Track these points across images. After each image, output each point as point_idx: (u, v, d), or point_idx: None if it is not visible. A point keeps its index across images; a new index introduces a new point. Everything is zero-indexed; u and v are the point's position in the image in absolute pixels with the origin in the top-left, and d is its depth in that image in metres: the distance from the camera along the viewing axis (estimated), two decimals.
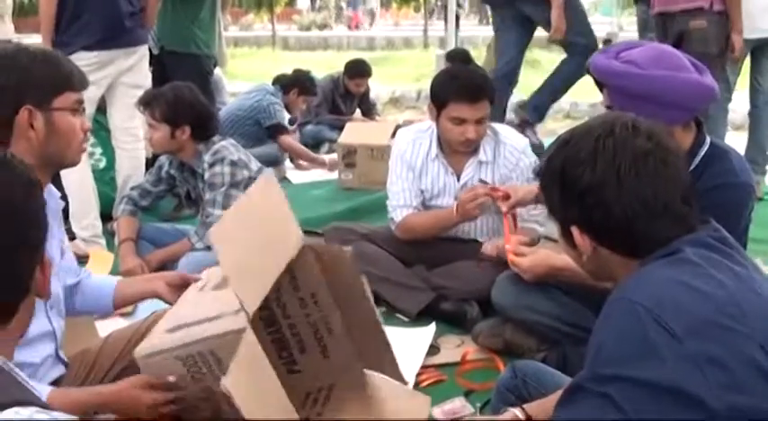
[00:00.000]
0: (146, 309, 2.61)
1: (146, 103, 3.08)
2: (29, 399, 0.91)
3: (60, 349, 1.81)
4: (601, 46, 4.63)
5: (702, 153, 1.98)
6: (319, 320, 1.82)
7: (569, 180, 1.27)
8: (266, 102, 5.21)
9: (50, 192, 1.77)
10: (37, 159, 1.65)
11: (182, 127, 3.01)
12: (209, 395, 1.70)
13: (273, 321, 1.79)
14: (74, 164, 1.79)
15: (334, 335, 1.86)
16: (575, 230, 1.29)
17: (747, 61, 4.44)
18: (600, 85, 2.09)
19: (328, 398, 1.84)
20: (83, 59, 3.40)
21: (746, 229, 2.03)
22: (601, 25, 20.43)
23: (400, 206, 2.92)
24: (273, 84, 5.99)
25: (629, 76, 1.96)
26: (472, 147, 2.83)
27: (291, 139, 5.36)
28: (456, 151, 2.85)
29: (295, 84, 5.52)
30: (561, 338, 2.32)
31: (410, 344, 2.46)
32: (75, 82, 1.73)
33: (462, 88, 2.72)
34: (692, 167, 1.90)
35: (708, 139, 2.01)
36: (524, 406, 1.56)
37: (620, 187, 1.22)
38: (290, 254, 1.63)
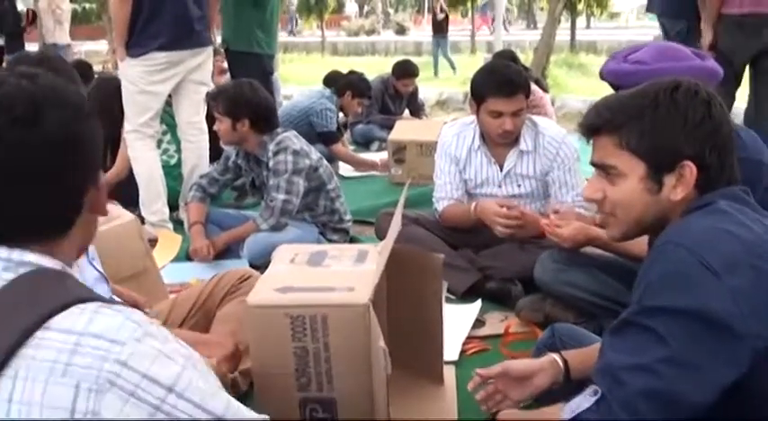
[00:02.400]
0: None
1: (212, 98, 3.39)
2: (91, 297, 0.99)
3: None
4: None
5: None
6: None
7: (687, 116, 1.34)
8: (320, 106, 5.32)
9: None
10: None
11: (241, 120, 3.28)
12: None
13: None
14: None
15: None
16: (688, 166, 1.34)
17: None
18: (615, 89, 2.30)
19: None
20: (155, 59, 3.68)
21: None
22: (650, 29, 20.31)
23: (442, 198, 3.14)
24: (325, 82, 6.19)
25: (638, 74, 2.16)
26: (510, 139, 2.99)
27: (342, 148, 5.44)
28: (496, 142, 3.04)
29: (349, 86, 5.61)
30: (597, 312, 2.48)
31: (458, 317, 2.65)
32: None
33: (498, 83, 2.89)
34: None
35: None
36: (562, 352, 1.70)
37: (724, 125, 1.37)
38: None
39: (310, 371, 1.81)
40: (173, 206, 3.99)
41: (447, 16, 15.05)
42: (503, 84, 2.88)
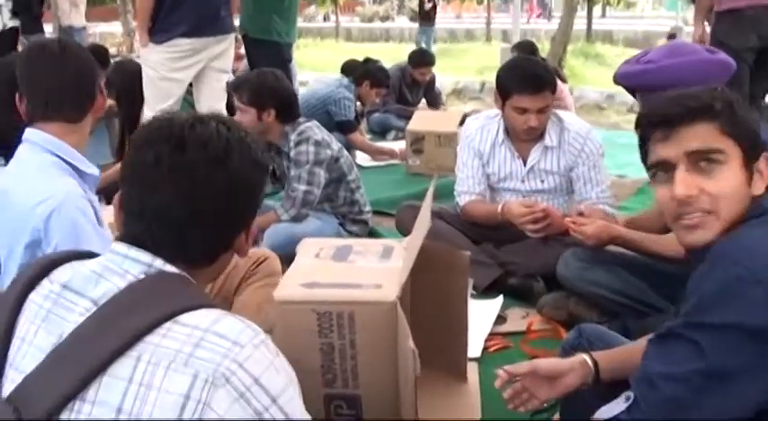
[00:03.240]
0: None
1: (235, 87, 3.34)
2: (216, 306, 1.09)
3: None
4: (665, 40, 4.71)
5: None
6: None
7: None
8: (338, 95, 5.29)
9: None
10: None
11: (267, 110, 3.25)
12: None
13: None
14: None
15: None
16: (764, 160, 1.33)
17: None
18: (631, 92, 2.29)
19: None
20: (179, 46, 3.67)
21: None
22: (666, 19, 20.18)
23: (464, 192, 3.12)
24: (343, 70, 6.17)
25: (648, 73, 2.16)
26: (535, 135, 2.97)
27: (359, 136, 5.42)
28: (521, 138, 3.01)
29: (368, 75, 5.57)
30: (621, 311, 2.47)
31: (480, 313, 2.64)
32: None
33: (525, 80, 2.87)
34: None
35: None
36: (592, 353, 1.65)
37: None
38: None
39: (336, 367, 1.80)
40: None
41: (435, 6, 14.93)
42: (529, 80, 2.86)
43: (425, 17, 14.66)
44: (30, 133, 1.85)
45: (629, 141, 6.25)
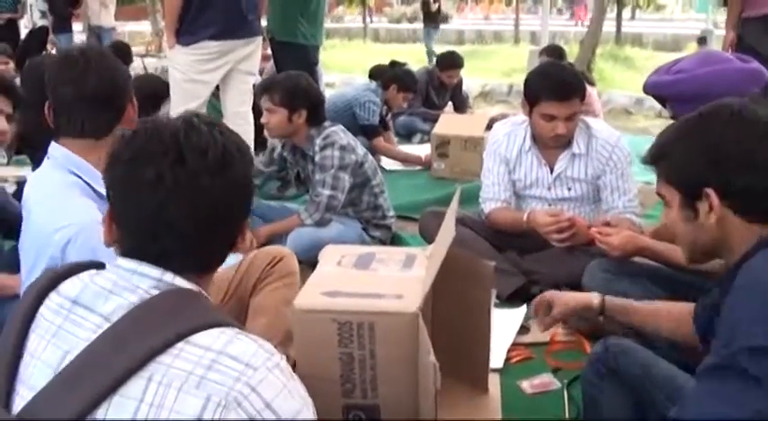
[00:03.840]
0: None
1: (266, 88, 3.33)
2: (231, 323, 1.07)
3: None
4: (696, 43, 4.67)
5: None
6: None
7: (714, 144, 1.41)
8: (365, 98, 5.26)
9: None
10: None
11: (298, 111, 3.25)
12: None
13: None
14: None
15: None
16: (711, 194, 1.40)
17: None
18: (661, 102, 2.26)
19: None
20: (207, 48, 3.68)
21: None
22: (696, 22, 19.94)
23: (489, 199, 3.08)
24: (370, 75, 6.16)
25: (679, 82, 2.13)
26: (563, 143, 2.93)
27: (383, 141, 5.39)
28: (548, 145, 2.97)
29: (395, 80, 5.53)
30: None
31: (503, 323, 2.61)
32: None
33: (553, 87, 2.82)
34: None
35: None
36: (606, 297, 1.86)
37: (764, 151, 1.38)
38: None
39: (355, 377, 1.79)
40: None
41: (440, 7, 14.80)
42: (557, 87, 2.82)
43: (431, 18, 14.58)
44: (53, 148, 1.85)
45: None
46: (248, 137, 4.02)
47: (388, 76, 5.63)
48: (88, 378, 0.97)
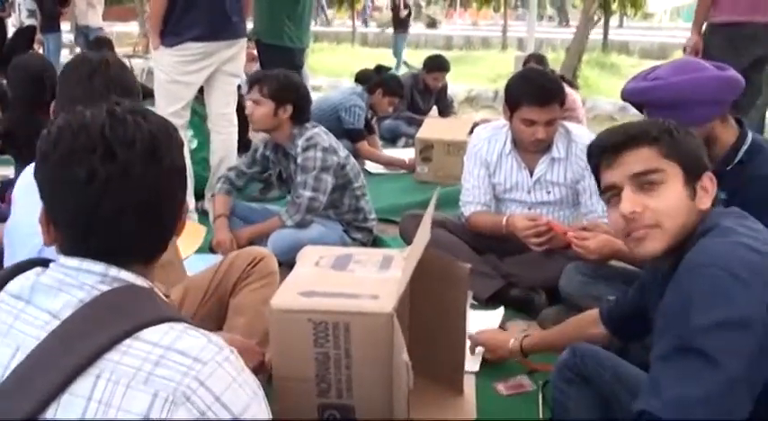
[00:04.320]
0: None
1: (256, 80, 3.36)
2: (179, 318, 1.06)
3: None
4: (682, 52, 4.72)
5: (745, 148, 2.14)
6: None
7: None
8: (350, 102, 5.28)
9: None
10: None
11: (285, 105, 3.28)
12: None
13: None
14: None
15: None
16: (709, 178, 1.49)
17: None
18: (639, 108, 2.29)
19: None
20: (190, 49, 3.68)
21: None
22: (683, 31, 20.06)
23: (469, 202, 3.11)
24: (356, 80, 6.18)
25: (656, 89, 2.17)
26: (542, 147, 2.96)
27: (367, 145, 5.40)
28: (528, 149, 3.00)
29: (381, 84, 5.55)
30: None
31: (480, 324, 2.63)
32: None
33: (533, 92, 2.85)
34: (736, 160, 2.12)
35: (750, 135, 2.17)
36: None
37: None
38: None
39: (330, 377, 1.80)
40: (198, 193, 4.01)
41: (410, 13, 14.64)
42: (537, 92, 2.84)
43: (401, 24, 14.38)
44: None
45: None
46: (233, 138, 4.03)
47: (375, 80, 5.65)
48: (38, 377, 0.97)
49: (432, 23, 25.23)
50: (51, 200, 1.09)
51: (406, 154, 5.59)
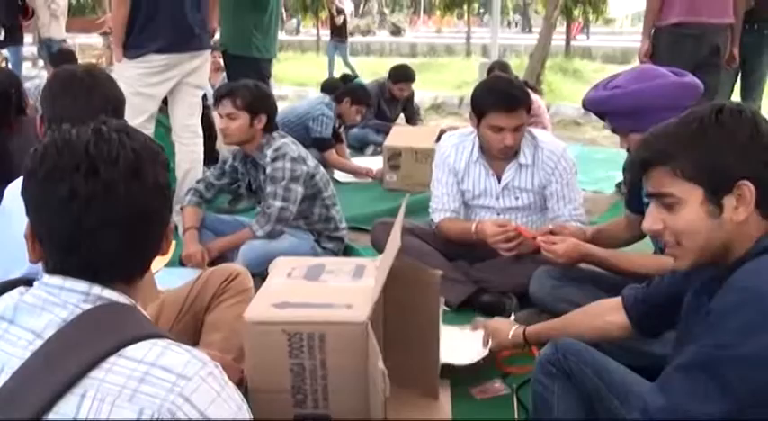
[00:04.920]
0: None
1: (227, 93, 3.32)
2: (162, 334, 1.06)
3: None
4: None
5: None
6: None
7: (741, 136, 1.35)
8: (318, 111, 5.29)
9: None
10: None
11: (259, 116, 3.28)
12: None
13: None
14: None
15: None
16: (745, 186, 1.34)
17: None
18: (600, 116, 2.34)
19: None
20: (153, 61, 3.67)
21: None
22: None
23: (439, 209, 3.13)
24: (322, 89, 6.19)
25: (616, 98, 2.23)
26: (510, 153, 2.99)
27: (335, 155, 5.41)
28: (496, 156, 3.03)
29: (348, 94, 5.57)
30: None
31: (471, 344, 2.57)
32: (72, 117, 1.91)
33: (500, 99, 2.89)
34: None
35: None
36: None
37: None
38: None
39: (307, 388, 1.80)
40: None
41: (345, 20, 14.10)
42: (504, 99, 2.88)
43: (337, 31, 13.95)
44: None
45: (605, 157, 6.32)
46: (198, 149, 4.01)
47: (342, 90, 5.66)
48: (22, 398, 0.96)
49: (396, 31, 25.37)
50: (36, 216, 1.10)
51: (374, 162, 5.60)
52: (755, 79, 5.19)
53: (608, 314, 1.94)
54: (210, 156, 4.38)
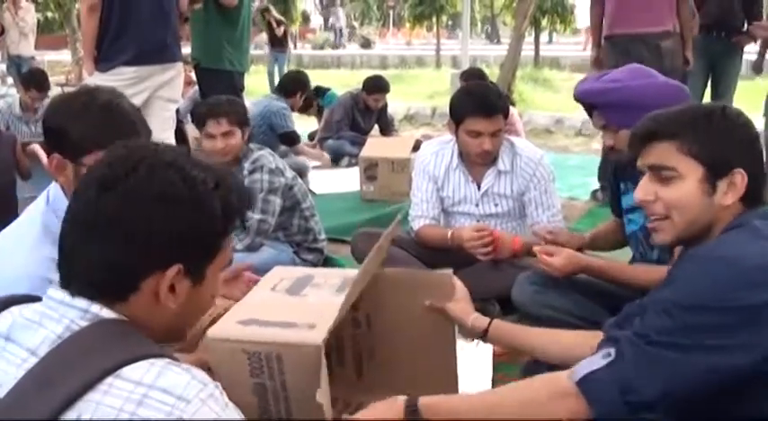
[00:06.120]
0: None
1: (225, 111, 3.24)
2: (161, 353, 1.03)
3: None
4: None
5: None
6: (364, 343, 1.99)
7: (740, 132, 1.50)
8: (276, 107, 5.48)
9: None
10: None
11: (245, 129, 3.29)
12: None
13: None
14: None
15: (375, 361, 2.01)
16: (740, 174, 1.46)
17: None
18: (589, 109, 2.34)
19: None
20: (124, 74, 3.63)
21: None
22: None
23: (418, 216, 3.14)
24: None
25: (611, 91, 2.24)
26: (489, 159, 3.00)
27: (306, 148, 5.69)
28: (475, 162, 3.04)
29: (297, 86, 5.87)
30: None
31: (474, 355, 2.57)
32: (109, 140, 1.75)
33: (477, 104, 2.91)
34: None
35: None
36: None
37: (760, 143, 1.54)
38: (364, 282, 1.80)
39: (271, 408, 1.73)
40: None
41: (286, 31, 13.91)
42: (482, 104, 2.90)
43: (277, 42, 13.71)
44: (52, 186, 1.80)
45: (578, 164, 6.38)
46: None
47: (291, 85, 5.95)
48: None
49: (366, 44, 25.43)
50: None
51: (350, 173, 5.61)
52: (725, 87, 5.31)
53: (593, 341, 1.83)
54: None
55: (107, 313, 1.04)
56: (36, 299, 1.11)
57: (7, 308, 1.09)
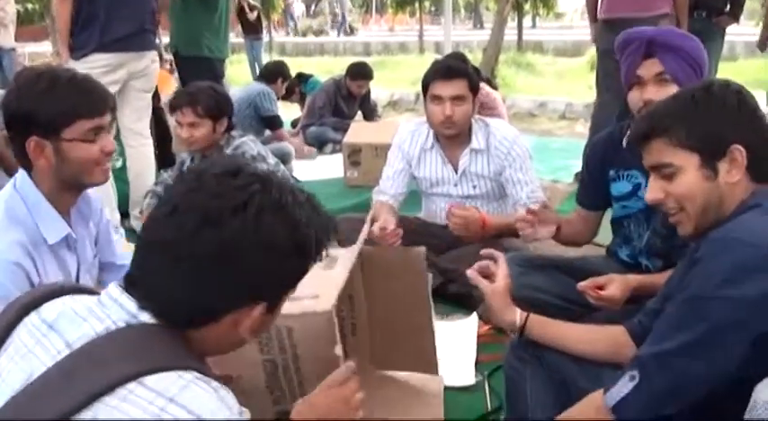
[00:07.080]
0: None
1: (186, 102, 3.22)
2: (192, 365, 0.99)
3: None
4: (595, 49, 4.92)
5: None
6: (347, 320, 2.01)
7: (730, 104, 1.48)
8: (261, 90, 5.62)
9: (83, 196, 1.91)
10: (56, 182, 1.76)
11: (221, 120, 3.23)
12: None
13: None
14: (97, 184, 1.83)
15: (357, 338, 2.04)
16: (737, 149, 1.45)
17: None
18: (648, 54, 2.21)
19: None
20: (98, 61, 3.57)
21: None
22: None
23: (380, 190, 3.20)
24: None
25: (691, 40, 2.26)
26: (453, 129, 2.97)
27: (285, 133, 5.77)
28: (443, 136, 3.03)
29: (278, 73, 6.05)
30: (557, 313, 2.49)
31: (459, 336, 2.63)
32: (89, 109, 1.72)
33: (439, 68, 2.96)
34: None
35: None
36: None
37: (758, 110, 1.51)
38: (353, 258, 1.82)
39: (282, 384, 1.77)
40: (124, 212, 3.92)
41: (259, 16, 13.31)
42: (442, 68, 2.95)
43: (251, 28, 13.15)
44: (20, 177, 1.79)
45: (561, 147, 6.40)
46: (148, 151, 3.94)
47: (272, 72, 6.13)
48: (30, 414, 0.92)
49: (349, 30, 25.30)
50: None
51: (334, 159, 5.60)
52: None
53: (623, 348, 1.73)
54: (167, 158, 4.32)
55: (151, 320, 1.02)
56: (86, 291, 1.10)
57: (60, 296, 1.06)
